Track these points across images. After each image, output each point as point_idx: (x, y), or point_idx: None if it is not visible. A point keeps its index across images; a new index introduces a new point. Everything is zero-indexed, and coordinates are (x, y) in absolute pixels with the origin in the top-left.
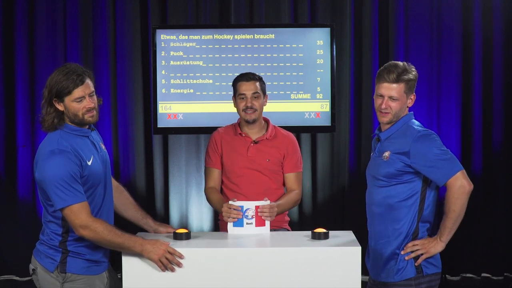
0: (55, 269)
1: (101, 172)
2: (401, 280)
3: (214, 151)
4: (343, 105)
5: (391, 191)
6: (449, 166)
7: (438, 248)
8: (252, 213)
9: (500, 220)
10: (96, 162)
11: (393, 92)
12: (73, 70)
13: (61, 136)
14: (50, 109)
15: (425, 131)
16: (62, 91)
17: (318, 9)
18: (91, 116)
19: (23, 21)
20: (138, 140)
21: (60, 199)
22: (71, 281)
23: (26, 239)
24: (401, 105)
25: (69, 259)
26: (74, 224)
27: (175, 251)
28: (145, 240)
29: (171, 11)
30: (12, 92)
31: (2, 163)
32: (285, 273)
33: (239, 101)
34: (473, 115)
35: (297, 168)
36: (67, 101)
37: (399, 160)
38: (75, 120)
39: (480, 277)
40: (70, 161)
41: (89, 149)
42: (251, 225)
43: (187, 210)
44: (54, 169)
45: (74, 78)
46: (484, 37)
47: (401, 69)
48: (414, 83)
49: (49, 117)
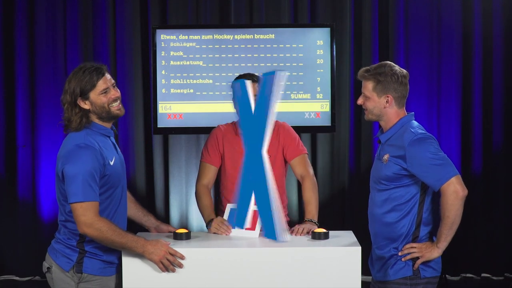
0: (70, 268)
1: (120, 173)
2: (397, 278)
3: (215, 148)
4: (343, 105)
5: (391, 194)
6: (443, 171)
7: (434, 254)
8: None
9: (500, 220)
10: (116, 163)
11: (363, 89)
12: (89, 66)
13: (87, 133)
14: (76, 110)
15: (422, 134)
16: (86, 87)
17: (318, 9)
18: (118, 109)
19: (23, 21)
20: (138, 140)
21: (74, 193)
22: (86, 281)
23: (26, 239)
24: (374, 104)
25: (85, 260)
26: (79, 221)
27: (176, 252)
28: (147, 241)
29: (171, 11)
30: (12, 92)
31: (2, 163)
32: (285, 273)
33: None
34: (473, 115)
35: (299, 151)
36: (93, 96)
37: (397, 164)
38: (103, 114)
39: (480, 277)
40: (95, 158)
41: (111, 150)
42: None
43: (187, 210)
44: (79, 163)
45: (94, 72)
46: (484, 37)
47: (376, 67)
48: (390, 84)
49: (76, 117)
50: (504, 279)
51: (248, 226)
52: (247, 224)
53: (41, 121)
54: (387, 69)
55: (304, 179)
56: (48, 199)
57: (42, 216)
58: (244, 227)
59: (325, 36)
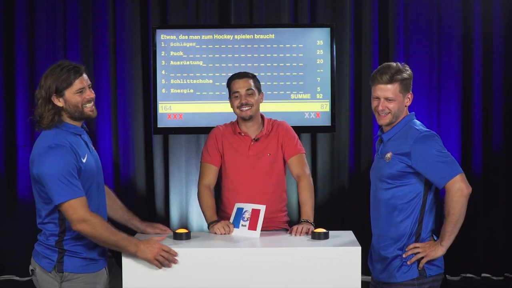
0: (52, 269)
1: (94, 171)
2: (404, 280)
3: (215, 148)
4: (343, 105)
5: (395, 193)
6: (448, 168)
7: (438, 252)
8: (248, 215)
9: (500, 220)
10: (89, 160)
11: (388, 93)
12: (68, 64)
13: (56, 133)
14: (49, 106)
15: (427, 132)
16: (61, 85)
17: (318, 9)
18: (91, 110)
19: (23, 21)
20: (138, 140)
21: (59, 194)
22: (68, 280)
23: (26, 239)
24: (399, 105)
25: (65, 259)
26: (72, 219)
27: (170, 248)
28: (140, 241)
29: (171, 11)
30: (12, 92)
31: (2, 163)
32: (285, 273)
33: (234, 99)
34: (473, 115)
35: (297, 150)
36: (68, 94)
37: (401, 161)
38: (76, 113)
39: (480, 277)
40: (68, 155)
41: (83, 147)
42: (245, 227)
43: (187, 210)
44: (53, 164)
45: (72, 71)
46: (484, 37)
47: (394, 70)
48: (410, 81)
49: (48, 113)
50: (504, 279)
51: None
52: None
53: None
54: (402, 68)
55: (300, 179)
56: None
57: None
58: (247, 226)
59: (325, 36)
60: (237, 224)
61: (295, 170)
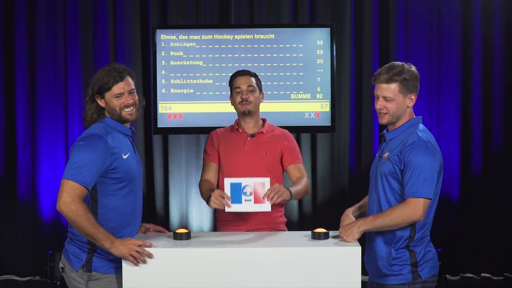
0: (80, 267)
1: (135, 171)
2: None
3: (211, 146)
4: (343, 105)
5: (389, 192)
6: (421, 187)
7: (355, 235)
8: (250, 189)
9: (500, 220)
10: (131, 159)
11: (386, 92)
12: (115, 68)
13: (104, 127)
14: (92, 105)
15: (425, 141)
16: (103, 87)
17: (318, 9)
18: (130, 114)
19: (23, 21)
20: (138, 140)
21: (67, 170)
22: (95, 279)
23: (26, 239)
24: (398, 105)
25: (94, 259)
26: (60, 196)
27: (145, 242)
28: (116, 238)
29: (171, 11)
30: (12, 92)
31: (2, 163)
32: (285, 273)
33: (235, 95)
34: (473, 115)
35: (297, 160)
36: (107, 97)
37: (394, 163)
38: (114, 116)
39: (480, 277)
40: (103, 148)
41: (128, 146)
42: (250, 201)
43: (187, 210)
44: (81, 149)
45: (114, 75)
46: (484, 37)
47: (396, 70)
48: (412, 82)
49: (90, 111)
50: (504, 279)
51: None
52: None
53: (41, 121)
54: (406, 68)
55: (300, 178)
56: (48, 199)
57: (42, 216)
58: (252, 200)
59: (325, 36)
60: (239, 200)
61: (295, 175)
